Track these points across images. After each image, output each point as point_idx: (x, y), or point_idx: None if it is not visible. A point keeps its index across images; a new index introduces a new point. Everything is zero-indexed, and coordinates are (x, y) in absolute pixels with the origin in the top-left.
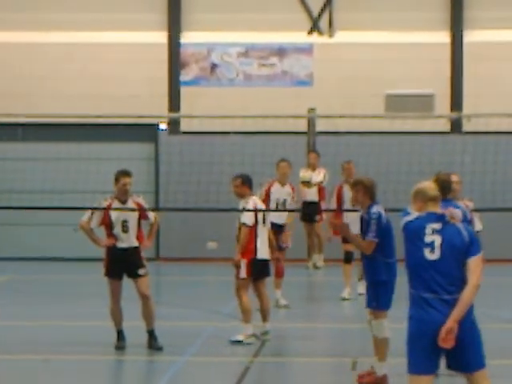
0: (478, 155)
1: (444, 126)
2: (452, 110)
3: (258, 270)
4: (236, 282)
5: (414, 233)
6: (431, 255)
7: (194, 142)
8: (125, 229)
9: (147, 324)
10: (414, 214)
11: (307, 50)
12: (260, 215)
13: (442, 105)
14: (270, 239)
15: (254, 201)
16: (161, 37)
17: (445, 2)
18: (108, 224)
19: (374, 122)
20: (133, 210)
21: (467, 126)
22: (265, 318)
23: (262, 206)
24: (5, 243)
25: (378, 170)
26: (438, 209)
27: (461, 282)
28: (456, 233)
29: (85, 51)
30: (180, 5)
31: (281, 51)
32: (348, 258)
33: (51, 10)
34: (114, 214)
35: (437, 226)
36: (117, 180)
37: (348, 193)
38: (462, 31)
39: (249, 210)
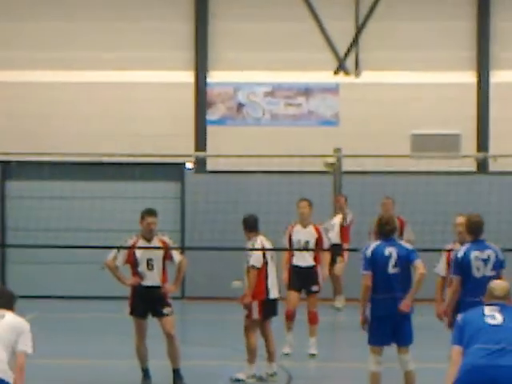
0: (504, 195)
1: (470, 165)
2: (478, 150)
3: (269, 310)
4: (245, 322)
5: None
6: None
7: (220, 181)
8: (150, 267)
9: (172, 363)
10: None
11: (333, 89)
12: (268, 254)
13: (468, 145)
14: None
15: (261, 240)
16: (187, 76)
17: (471, 41)
18: (133, 262)
19: (400, 162)
20: (159, 248)
21: (493, 166)
22: (271, 358)
23: (269, 244)
24: (30, 281)
25: (404, 210)
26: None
27: None
28: None
29: (110, 90)
30: (207, 44)
31: (307, 91)
32: None
33: (75, 49)
34: (138, 253)
35: None
36: (142, 219)
37: None
38: (488, 71)
39: (274, 249)
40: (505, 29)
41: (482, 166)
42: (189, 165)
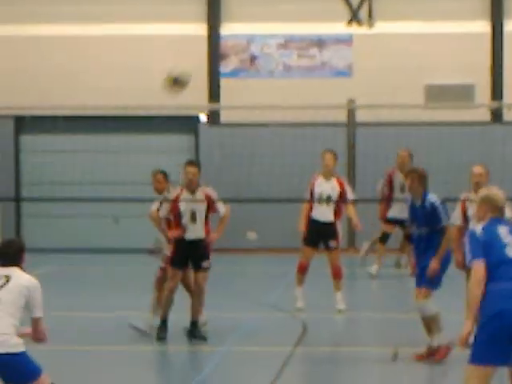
0: None
1: (484, 115)
2: (492, 99)
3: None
4: None
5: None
6: None
7: (234, 133)
8: (193, 219)
9: (193, 315)
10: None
11: (347, 40)
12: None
13: (483, 95)
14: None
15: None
16: (200, 29)
17: None
18: (177, 214)
19: (414, 113)
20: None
21: (508, 116)
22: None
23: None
24: (45, 235)
25: (418, 161)
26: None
27: None
28: None
29: (124, 43)
30: None
31: (320, 42)
32: (384, 239)
33: (91, 3)
34: (182, 204)
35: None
36: (184, 169)
37: (398, 179)
38: (502, 21)
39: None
40: None
41: (497, 116)
42: (202, 117)
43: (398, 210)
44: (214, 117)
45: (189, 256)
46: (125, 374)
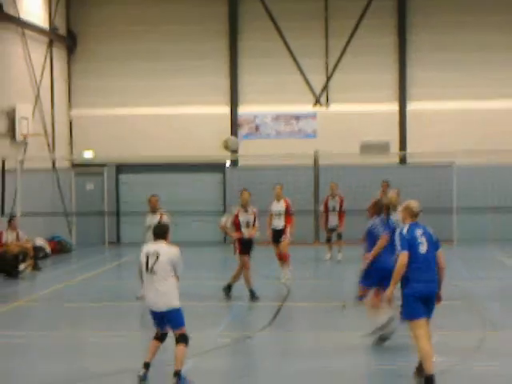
0: None
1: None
2: (401, 149)
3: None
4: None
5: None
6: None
7: (248, 173)
8: (247, 226)
9: (249, 284)
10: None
11: (312, 115)
12: None
13: (395, 148)
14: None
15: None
16: (225, 109)
17: (393, 75)
18: (237, 224)
19: (352, 159)
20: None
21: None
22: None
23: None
24: (136, 233)
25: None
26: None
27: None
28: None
29: (178, 119)
30: (237, 90)
31: (297, 116)
32: (329, 240)
33: (157, 94)
34: (241, 218)
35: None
36: (241, 194)
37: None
38: (406, 103)
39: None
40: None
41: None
42: (227, 163)
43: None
44: (234, 163)
45: (248, 247)
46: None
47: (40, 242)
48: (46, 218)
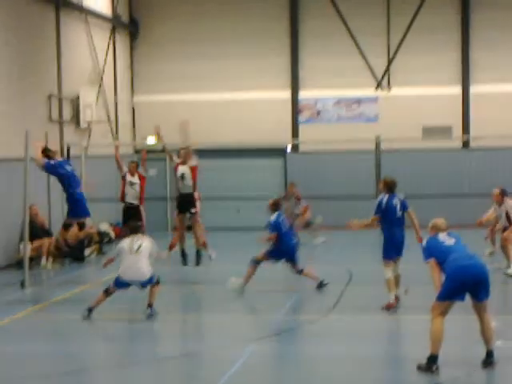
0: None
1: (458, 144)
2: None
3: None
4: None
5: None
6: None
7: (308, 158)
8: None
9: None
10: None
11: (374, 99)
12: None
13: (458, 132)
14: None
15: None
16: (287, 94)
17: (456, 54)
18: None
19: (414, 143)
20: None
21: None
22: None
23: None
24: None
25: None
26: None
27: None
28: None
29: (242, 104)
30: (298, 74)
31: (358, 101)
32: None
33: (219, 80)
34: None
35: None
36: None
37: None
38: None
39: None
40: None
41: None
42: (289, 148)
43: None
44: (295, 148)
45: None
46: None
47: (104, 227)
48: (111, 204)
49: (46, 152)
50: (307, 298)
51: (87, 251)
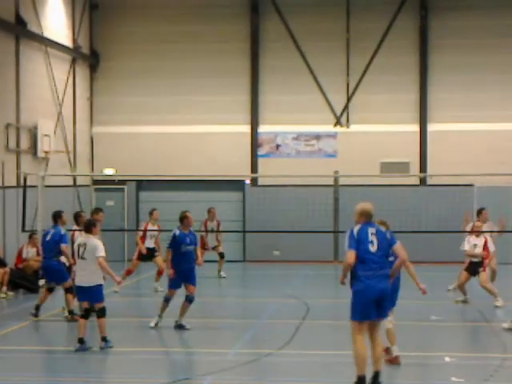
0: None
1: (415, 181)
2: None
3: None
4: None
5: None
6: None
7: (266, 191)
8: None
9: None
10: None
11: (333, 135)
12: None
13: (414, 168)
14: None
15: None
16: (247, 128)
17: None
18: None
19: (372, 179)
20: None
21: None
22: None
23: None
24: None
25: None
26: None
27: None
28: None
29: (201, 138)
30: (258, 109)
31: (317, 136)
32: None
33: (178, 113)
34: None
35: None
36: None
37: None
38: (426, 124)
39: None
40: None
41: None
42: (247, 181)
43: None
44: (254, 181)
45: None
46: None
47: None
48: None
49: None
50: (263, 332)
51: (41, 282)
